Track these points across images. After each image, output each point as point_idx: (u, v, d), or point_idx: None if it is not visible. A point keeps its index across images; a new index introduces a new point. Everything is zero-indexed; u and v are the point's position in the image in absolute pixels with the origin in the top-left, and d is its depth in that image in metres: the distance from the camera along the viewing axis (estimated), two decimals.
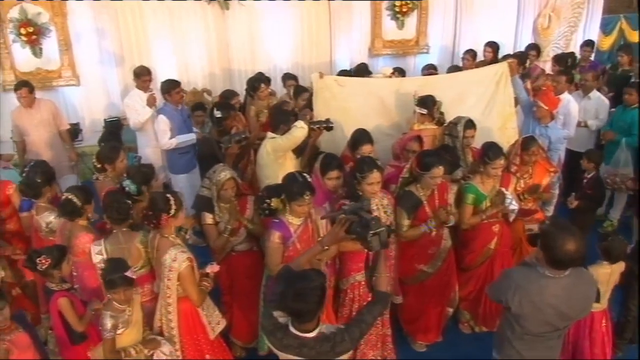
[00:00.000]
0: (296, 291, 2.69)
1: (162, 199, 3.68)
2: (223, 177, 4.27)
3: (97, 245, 4.01)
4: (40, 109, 6.65)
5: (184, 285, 3.66)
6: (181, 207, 3.74)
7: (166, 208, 3.65)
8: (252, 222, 4.44)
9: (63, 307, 3.78)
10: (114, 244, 3.98)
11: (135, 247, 4.01)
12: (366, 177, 4.15)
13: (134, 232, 4.06)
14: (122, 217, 4.02)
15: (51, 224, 4.47)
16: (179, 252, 3.61)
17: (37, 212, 4.58)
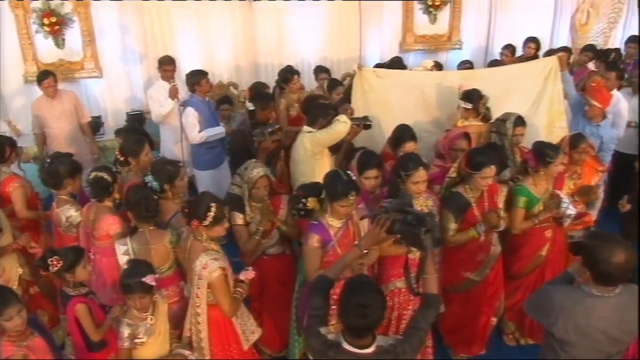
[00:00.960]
0: (358, 304, 2.40)
1: (203, 206, 3.34)
2: (256, 174, 3.96)
3: (122, 244, 3.76)
4: (62, 100, 6.42)
5: (215, 295, 3.36)
6: (221, 221, 3.40)
7: (202, 216, 3.33)
8: (285, 224, 4.12)
9: (80, 314, 3.50)
10: (141, 244, 3.74)
11: (163, 247, 3.76)
12: (411, 175, 3.82)
13: (162, 231, 3.82)
14: (151, 214, 3.77)
15: (71, 217, 4.24)
16: (211, 260, 3.29)
17: (58, 204, 4.32)
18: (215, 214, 3.31)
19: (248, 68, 8.55)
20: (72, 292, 3.56)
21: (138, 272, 3.27)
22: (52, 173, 4.31)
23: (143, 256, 3.68)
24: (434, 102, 5.43)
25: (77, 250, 3.64)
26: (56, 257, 3.46)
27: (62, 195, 4.33)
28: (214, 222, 3.33)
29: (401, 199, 3.13)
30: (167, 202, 4.03)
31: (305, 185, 3.98)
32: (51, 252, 3.51)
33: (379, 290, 2.57)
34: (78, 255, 3.55)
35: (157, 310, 3.41)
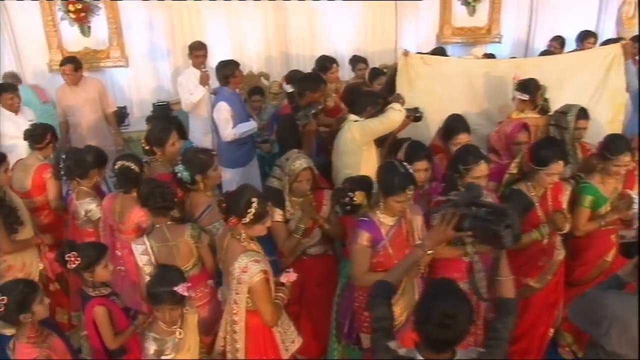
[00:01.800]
0: (443, 313, 2.04)
1: (243, 201, 2.97)
2: (298, 166, 3.60)
3: (139, 244, 3.47)
4: (87, 88, 6.15)
5: (255, 301, 3.00)
6: (262, 219, 3.03)
7: (241, 213, 2.96)
8: (328, 221, 3.76)
9: (98, 317, 3.18)
10: (159, 241, 3.43)
11: (185, 243, 3.44)
12: (472, 169, 3.46)
13: (181, 226, 3.50)
14: (167, 204, 3.44)
15: (91, 212, 4.01)
16: (251, 262, 2.93)
17: (78, 196, 4.05)
18: (257, 210, 2.95)
19: (279, 59, 8.22)
20: (92, 292, 3.23)
21: (168, 280, 2.92)
22: (80, 162, 4.03)
23: (164, 255, 3.40)
24: (483, 92, 5.02)
25: (98, 247, 3.31)
26: (74, 253, 3.14)
27: (84, 187, 4.06)
28: (255, 220, 2.97)
29: (470, 191, 2.75)
30: (198, 194, 3.68)
31: (352, 178, 3.65)
32: (70, 248, 3.19)
33: (465, 297, 2.18)
34: (99, 253, 3.21)
35: (185, 323, 3.07)
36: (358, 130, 4.20)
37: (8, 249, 3.93)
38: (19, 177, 4.46)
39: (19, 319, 2.79)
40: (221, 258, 3.13)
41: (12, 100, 5.60)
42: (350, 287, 3.72)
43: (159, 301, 2.90)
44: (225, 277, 3.13)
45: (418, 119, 4.44)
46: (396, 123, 4.23)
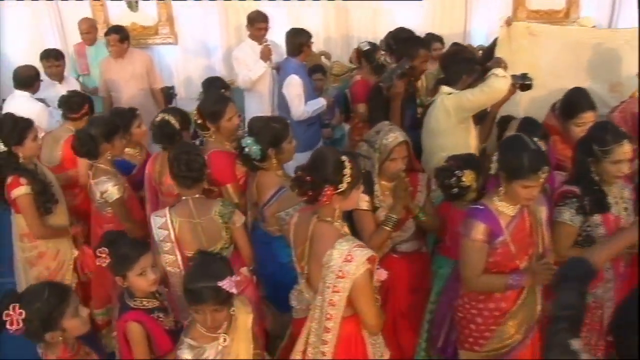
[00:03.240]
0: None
1: (334, 161, 2.28)
2: (392, 140, 2.91)
3: (159, 216, 2.95)
4: (134, 61, 5.58)
5: (357, 299, 2.27)
6: (358, 182, 2.35)
7: (336, 178, 2.26)
8: (423, 211, 3.05)
9: (131, 336, 2.52)
10: (183, 216, 2.90)
11: (211, 221, 2.90)
12: (612, 151, 2.76)
13: (210, 201, 2.97)
14: (194, 175, 2.88)
15: (107, 193, 3.34)
16: (356, 248, 2.22)
17: (94, 174, 3.42)
18: (352, 171, 2.27)
19: (339, 40, 7.61)
20: (131, 302, 2.56)
21: (211, 272, 2.22)
22: (84, 140, 3.33)
23: (186, 233, 2.89)
24: (594, 67, 4.26)
25: (136, 247, 2.56)
26: (104, 249, 2.51)
27: (101, 164, 3.42)
28: (351, 184, 2.29)
29: None
30: (267, 174, 3.03)
31: (457, 156, 3.06)
32: (107, 239, 2.56)
33: None
34: (134, 255, 2.50)
35: (233, 326, 2.34)
36: (453, 104, 3.52)
37: (40, 233, 3.38)
38: (48, 150, 3.93)
39: (45, 337, 2.18)
40: (302, 251, 2.43)
41: (56, 69, 5.09)
42: (448, 293, 3.04)
43: (199, 300, 2.20)
44: (312, 272, 2.41)
45: (527, 86, 3.70)
46: (501, 92, 3.52)
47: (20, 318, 2.10)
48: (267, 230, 3.11)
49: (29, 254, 3.51)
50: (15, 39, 6.95)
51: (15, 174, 3.30)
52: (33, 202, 3.29)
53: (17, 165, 3.31)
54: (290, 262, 3.03)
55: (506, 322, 2.70)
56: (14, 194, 3.28)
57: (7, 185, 3.32)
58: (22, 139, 3.33)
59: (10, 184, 3.30)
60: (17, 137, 3.31)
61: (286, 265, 3.05)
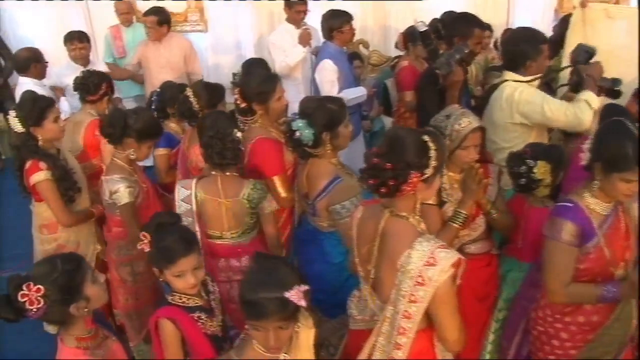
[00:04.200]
0: None
1: (416, 141, 1.90)
2: (466, 125, 2.54)
3: (184, 187, 2.81)
4: (171, 47, 5.26)
5: (438, 312, 1.89)
6: (443, 167, 2.00)
7: (421, 162, 1.89)
8: (495, 207, 2.68)
9: (162, 335, 2.19)
10: (208, 193, 2.76)
11: (238, 204, 2.73)
12: None
13: (241, 181, 2.77)
14: (225, 162, 2.69)
15: (117, 194, 2.91)
16: (439, 250, 1.84)
17: (107, 170, 3.05)
18: (438, 153, 1.91)
19: (377, 31, 7.27)
20: (169, 296, 2.23)
21: (276, 280, 1.79)
22: (116, 121, 2.94)
23: (208, 211, 2.77)
24: None
25: (182, 244, 2.16)
26: (145, 233, 2.20)
27: (117, 159, 3.01)
28: (437, 169, 1.93)
29: None
30: (320, 162, 2.67)
31: (538, 145, 2.75)
32: (154, 224, 2.21)
33: None
34: (178, 252, 2.13)
35: (295, 343, 1.91)
36: (526, 109, 3.14)
37: (66, 220, 3.08)
38: (69, 137, 3.58)
39: (70, 311, 1.90)
40: (368, 252, 2.04)
41: (80, 52, 4.80)
42: (521, 301, 2.67)
43: (261, 315, 1.76)
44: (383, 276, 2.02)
45: (616, 94, 3.26)
46: (583, 126, 3.09)
47: (38, 295, 1.82)
48: (318, 225, 2.76)
49: (47, 246, 3.22)
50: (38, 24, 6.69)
51: (34, 158, 3.00)
52: (55, 189, 3.00)
53: (36, 149, 3.02)
54: (343, 262, 2.71)
55: (597, 339, 2.32)
56: (33, 179, 3.00)
57: (26, 170, 3.04)
58: (41, 119, 3.03)
59: (29, 168, 3.02)
60: (36, 117, 3.01)
61: (337, 265, 2.74)
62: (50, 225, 3.19)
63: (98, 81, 3.69)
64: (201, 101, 3.36)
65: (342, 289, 2.67)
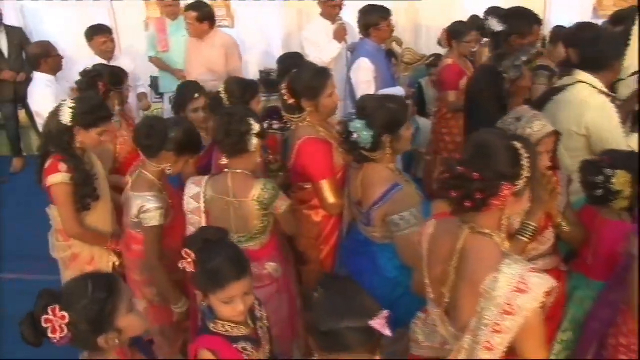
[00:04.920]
0: None
1: (506, 148, 1.66)
2: (539, 128, 2.30)
3: (194, 184, 2.64)
4: (213, 44, 4.90)
5: (525, 343, 1.66)
6: (533, 178, 1.73)
7: (513, 171, 1.66)
8: (566, 219, 2.45)
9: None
10: (217, 192, 2.58)
11: (247, 206, 2.52)
12: None
13: (252, 180, 2.54)
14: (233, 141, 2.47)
15: (147, 215, 2.63)
16: (531, 274, 1.62)
17: (133, 185, 2.74)
18: (530, 161, 1.68)
19: (408, 28, 7.02)
20: (211, 324, 1.97)
21: (358, 307, 1.58)
22: (156, 130, 2.64)
23: (216, 212, 2.58)
24: None
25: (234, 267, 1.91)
26: (188, 250, 1.95)
27: (148, 173, 2.71)
28: (529, 180, 1.70)
29: None
30: (377, 167, 2.42)
31: (617, 152, 2.46)
32: (200, 241, 1.97)
33: None
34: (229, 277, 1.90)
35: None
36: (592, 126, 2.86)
37: (73, 231, 2.83)
38: None
39: (97, 343, 1.67)
40: (443, 273, 1.80)
41: (105, 45, 4.60)
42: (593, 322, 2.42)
43: (344, 347, 1.54)
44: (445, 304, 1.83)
45: None
46: None
47: (63, 323, 1.59)
48: (370, 236, 2.54)
49: (62, 254, 2.99)
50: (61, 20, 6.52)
51: (56, 156, 2.76)
52: (70, 194, 2.75)
53: (66, 146, 2.77)
54: (398, 276, 2.50)
55: None
56: (49, 180, 2.74)
57: (45, 169, 2.78)
58: (92, 126, 2.78)
59: (48, 167, 2.75)
60: (88, 122, 2.76)
61: (392, 280, 2.53)
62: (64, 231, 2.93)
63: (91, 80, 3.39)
64: (233, 97, 3.15)
65: (396, 306, 2.45)
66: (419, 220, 2.35)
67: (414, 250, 2.31)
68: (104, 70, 3.51)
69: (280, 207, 2.57)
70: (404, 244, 2.37)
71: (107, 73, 3.47)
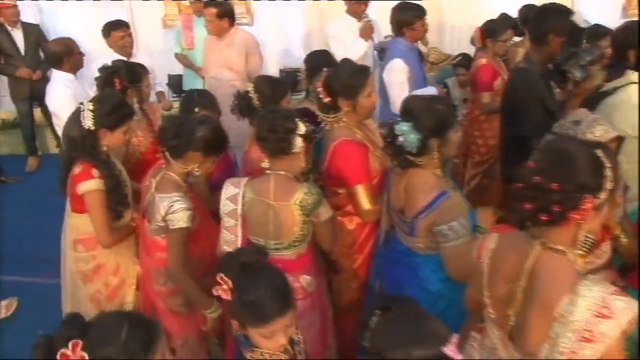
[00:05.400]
0: None
1: (588, 157, 1.49)
2: (601, 133, 2.16)
3: (232, 185, 2.47)
4: (234, 43, 4.68)
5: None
6: (615, 190, 1.55)
7: (596, 183, 1.49)
8: (624, 231, 2.27)
9: None
10: (257, 193, 2.41)
11: (289, 210, 2.34)
12: None
13: (295, 184, 2.37)
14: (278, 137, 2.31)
15: (174, 215, 2.45)
16: (615, 297, 1.45)
17: (159, 187, 2.55)
18: (613, 172, 1.51)
19: (433, 27, 6.71)
20: (248, 353, 1.77)
21: (429, 332, 1.42)
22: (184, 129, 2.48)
23: (254, 215, 2.41)
24: None
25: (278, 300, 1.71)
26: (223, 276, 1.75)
27: (172, 173, 2.55)
28: (612, 191, 1.52)
29: None
30: (423, 173, 2.25)
31: None
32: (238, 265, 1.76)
33: None
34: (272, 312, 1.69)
35: None
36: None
37: (108, 241, 2.67)
38: None
39: None
40: (510, 293, 1.62)
41: (124, 40, 4.43)
42: None
43: None
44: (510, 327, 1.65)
45: None
46: None
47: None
48: (413, 246, 2.37)
49: (84, 266, 2.78)
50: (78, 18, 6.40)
51: (86, 162, 2.60)
52: (104, 201, 2.61)
53: (94, 151, 2.62)
54: (442, 289, 2.33)
55: None
56: (83, 188, 2.58)
57: (75, 175, 2.62)
58: (117, 126, 2.66)
59: (80, 174, 2.60)
60: (114, 121, 2.63)
61: (435, 293, 2.35)
62: (88, 240, 2.74)
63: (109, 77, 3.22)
64: (262, 97, 2.99)
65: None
66: (467, 230, 2.19)
67: (462, 262, 2.16)
68: (122, 65, 3.34)
69: (323, 215, 2.40)
70: (452, 256, 2.20)
71: (125, 69, 3.29)
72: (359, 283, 2.79)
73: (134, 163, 3.26)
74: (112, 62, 3.47)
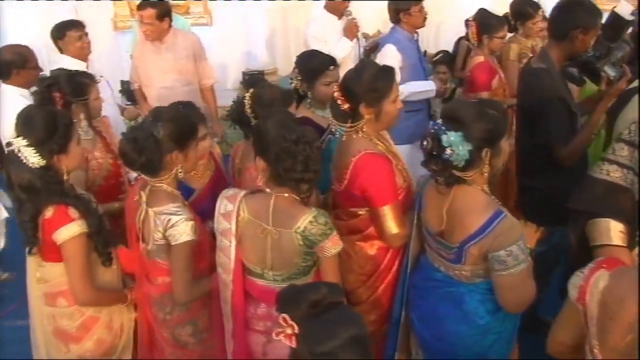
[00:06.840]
0: None
1: None
2: None
3: (228, 200, 2.12)
4: (176, 48, 4.20)
5: None
6: None
7: None
8: None
9: None
10: (254, 215, 2.08)
11: (289, 238, 2.01)
12: None
13: (301, 208, 2.04)
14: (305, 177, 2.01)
15: (175, 229, 2.12)
16: None
17: (151, 199, 2.19)
18: None
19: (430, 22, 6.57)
20: None
21: None
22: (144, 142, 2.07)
23: (250, 237, 2.09)
24: None
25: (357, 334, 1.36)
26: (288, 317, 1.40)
27: (162, 184, 2.18)
28: None
29: None
30: (472, 190, 1.90)
31: None
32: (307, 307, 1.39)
33: None
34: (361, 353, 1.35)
35: None
36: None
37: (88, 298, 2.22)
38: None
39: None
40: (629, 343, 1.32)
41: (82, 41, 3.84)
42: None
43: None
44: None
45: None
46: None
47: None
48: (456, 274, 2.04)
49: (67, 324, 2.28)
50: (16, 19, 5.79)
51: (59, 203, 2.12)
52: (87, 247, 2.16)
53: (62, 189, 2.15)
54: (490, 322, 2.03)
55: None
56: (62, 235, 2.10)
57: (48, 221, 2.12)
58: (67, 141, 2.17)
59: (54, 218, 2.11)
60: (62, 141, 2.14)
61: (483, 327, 2.04)
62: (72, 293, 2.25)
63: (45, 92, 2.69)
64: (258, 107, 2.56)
65: (488, 355, 2.03)
66: (526, 254, 1.88)
67: (521, 292, 1.90)
68: (62, 76, 2.79)
69: (328, 249, 2.02)
70: (510, 286, 1.89)
71: (65, 80, 2.75)
72: (378, 314, 2.45)
73: (95, 191, 2.69)
74: (51, 72, 2.97)
